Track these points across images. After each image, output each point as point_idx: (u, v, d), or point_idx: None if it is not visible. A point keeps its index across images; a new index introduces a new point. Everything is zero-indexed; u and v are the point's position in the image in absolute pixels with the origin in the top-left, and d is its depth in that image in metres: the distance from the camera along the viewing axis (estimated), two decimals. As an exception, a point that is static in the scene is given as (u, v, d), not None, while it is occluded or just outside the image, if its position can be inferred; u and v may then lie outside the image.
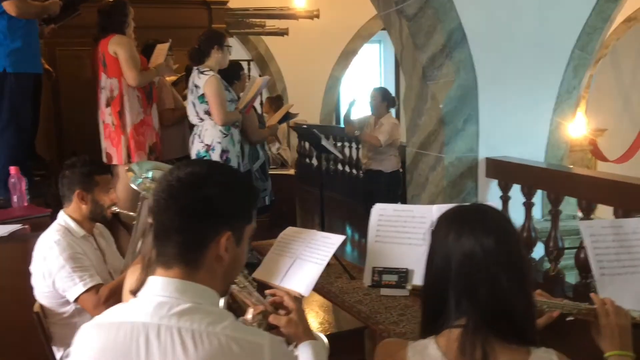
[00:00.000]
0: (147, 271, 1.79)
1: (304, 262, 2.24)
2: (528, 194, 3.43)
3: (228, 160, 3.71)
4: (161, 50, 3.96)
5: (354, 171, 6.64)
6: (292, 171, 6.01)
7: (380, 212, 2.23)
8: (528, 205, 3.45)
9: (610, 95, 10.91)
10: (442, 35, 3.54)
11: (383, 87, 4.95)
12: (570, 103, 3.83)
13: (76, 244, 2.29)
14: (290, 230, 2.50)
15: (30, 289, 2.28)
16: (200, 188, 1.16)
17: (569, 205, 3.78)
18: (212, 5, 5.25)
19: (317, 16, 6.14)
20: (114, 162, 3.85)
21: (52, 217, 2.53)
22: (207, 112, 3.73)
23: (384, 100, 4.83)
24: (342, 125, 6.10)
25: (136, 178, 2.35)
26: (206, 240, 1.16)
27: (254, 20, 6.14)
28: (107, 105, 3.84)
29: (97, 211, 2.39)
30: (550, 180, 3.42)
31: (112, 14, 3.80)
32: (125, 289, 1.91)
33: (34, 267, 2.29)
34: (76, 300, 2.22)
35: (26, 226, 2.72)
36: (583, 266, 3.00)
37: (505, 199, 3.64)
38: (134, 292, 1.77)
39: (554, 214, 3.33)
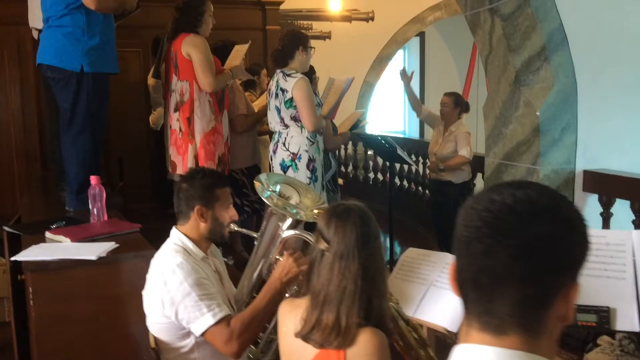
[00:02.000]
0: (319, 310, 1.52)
1: (441, 290, 1.95)
2: (639, 211, 3.12)
3: (315, 170, 3.44)
4: (239, 52, 3.68)
5: (420, 189, 6.31)
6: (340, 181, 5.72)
7: None
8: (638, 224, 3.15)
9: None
10: (541, 37, 3.25)
11: (455, 92, 4.66)
12: (673, 110, 3.52)
13: (200, 267, 1.99)
14: (413, 252, 2.22)
15: (129, 318, 1.98)
16: (552, 222, 0.84)
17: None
18: (267, 5, 4.98)
19: (372, 18, 5.88)
20: (178, 171, 3.55)
21: (143, 233, 2.24)
22: (294, 118, 3.46)
23: (457, 106, 4.53)
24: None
25: (263, 189, 2.07)
26: (552, 296, 0.85)
27: (301, 22, 5.88)
28: (176, 110, 3.54)
29: (217, 230, 2.09)
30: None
31: (188, 10, 3.50)
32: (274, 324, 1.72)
33: (150, 294, 2.00)
34: (203, 333, 1.92)
35: (118, 244, 2.38)
36: None
37: (607, 216, 3.35)
38: (303, 336, 1.49)
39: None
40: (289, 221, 2.02)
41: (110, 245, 2.31)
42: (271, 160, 3.61)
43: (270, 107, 3.57)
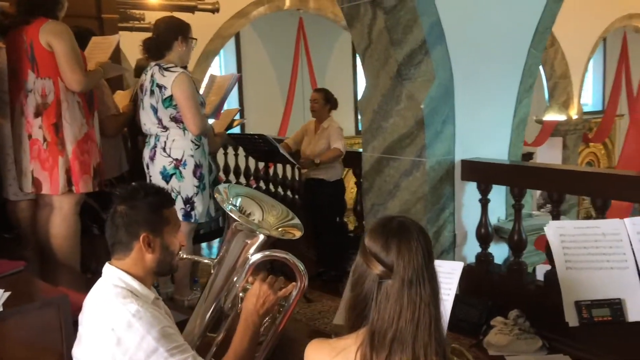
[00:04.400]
0: (387, 353, 1.23)
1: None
2: (519, 195, 3.34)
3: (202, 177, 3.01)
4: (105, 45, 3.08)
5: (289, 193, 5.99)
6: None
7: (560, 232, 1.88)
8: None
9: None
10: (422, 31, 3.29)
11: (325, 88, 4.55)
12: (527, 102, 3.86)
13: (159, 313, 1.54)
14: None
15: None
16: None
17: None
18: (101, -9, 4.33)
19: (218, 10, 5.51)
20: (45, 190, 2.89)
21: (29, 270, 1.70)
22: (174, 119, 2.99)
23: (327, 102, 4.43)
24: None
25: (224, 201, 1.69)
26: None
27: (134, 12, 5.27)
28: (37, 115, 2.85)
29: (167, 260, 1.65)
30: (537, 177, 3.38)
31: None
32: None
33: (91, 358, 1.51)
34: None
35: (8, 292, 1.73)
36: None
37: (485, 202, 3.53)
38: None
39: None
40: (260, 239, 1.69)
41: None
42: (147, 169, 3.11)
43: (144, 106, 3.07)
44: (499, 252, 3.71)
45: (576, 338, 3.01)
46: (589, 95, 14.07)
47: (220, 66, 11.58)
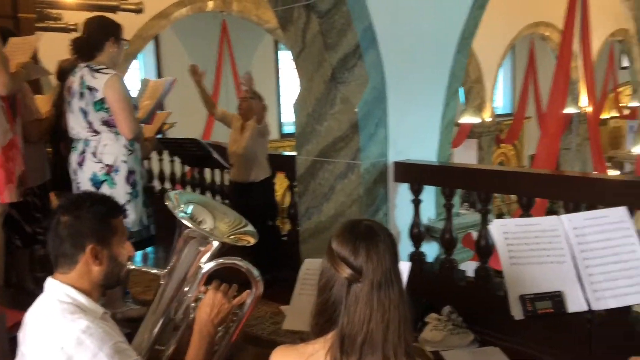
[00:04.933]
0: (358, 356, 1.22)
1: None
2: (449, 195, 3.47)
3: (135, 184, 2.89)
4: (25, 45, 2.88)
5: (219, 197, 5.81)
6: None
7: (503, 230, 1.93)
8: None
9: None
10: (356, 35, 3.34)
11: (258, 92, 4.49)
12: (453, 106, 4.01)
13: (110, 328, 1.45)
14: (311, 263, 2.04)
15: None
16: None
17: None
18: (17, -11, 4.06)
19: (142, 10, 5.31)
20: None
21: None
22: (106, 123, 2.84)
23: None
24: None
25: (174, 207, 1.62)
26: None
27: (51, 11, 4.99)
28: None
29: (115, 272, 1.56)
30: (468, 178, 3.53)
31: None
32: None
33: None
34: None
35: None
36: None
37: (417, 203, 3.64)
38: None
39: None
40: (214, 246, 1.64)
41: None
42: (75, 175, 2.95)
43: (73, 109, 2.90)
44: (431, 250, 3.84)
45: (504, 330, 3.18)
46: (499, 99, 14.84)
47: (140, 68, 11.23)
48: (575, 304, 1.96)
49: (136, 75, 10.70)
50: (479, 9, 3.93)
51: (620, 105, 14.17)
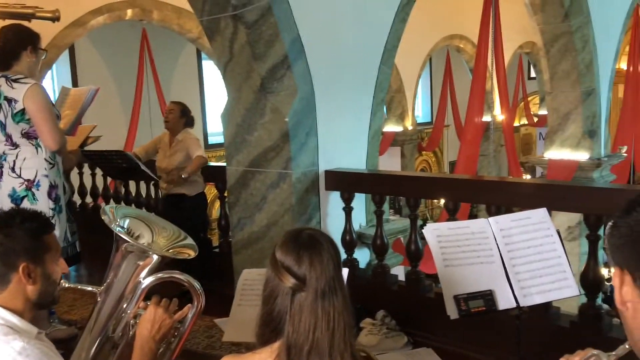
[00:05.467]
0: None
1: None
2: (380, 202, 3.55)
3: (58, 199, 2.74)
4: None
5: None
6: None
7: (437, 234, 1.97)
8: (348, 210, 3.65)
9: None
10: (284, 46, 3.37)
11: (182, 102, 4.38)
12: (380, 115, 4.12)
13: (47, 348, 1.35)
14: (249, 273, 2.03)
15: None
16: None
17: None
18: None
19: (58, 18, 5.05)
20: None
21: None
22: (26, 135, 2.68)
23: (183, 115, 4.27)
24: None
25: (110, 222, 1.55)
26: None
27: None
28: None
29: (49, 291, 1.46)
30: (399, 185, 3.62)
31: None
32: None
33: None
34: None
35: None
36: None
37: (348, 210, 3.70)
38: None
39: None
40: (154, 260, 1.58)
41: None
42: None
43: (-17, 122, 2.73)
44: (363, 256, 3.91)
45: (436, 331, 3.29)
46: (420, 108, 15.36)
47: (53, 78, 10.71)
48: (504, 301, 2.06)
49: (49, 86, 10.20)
50: (401, 22, 4.06)
51: (530, 113, 15.05)
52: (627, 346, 1.05)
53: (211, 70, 11.21)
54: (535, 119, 14.96)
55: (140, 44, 9.79)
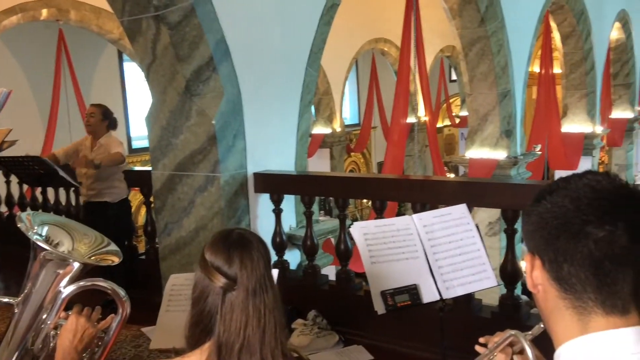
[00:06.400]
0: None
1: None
2: (309, 203, 3.58)
3: None
4: None
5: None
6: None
7: (364, 232, 1.98)
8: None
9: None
10: (208, 47, 3.33)
11: (103, 105, 4.21)
12: (307, 117, 4.15)
13: None
14: (177, 278, 2.00)
15: None
16: None
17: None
18: None
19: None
20: None
21: None
22: None
23: (105, 118, 4.11)
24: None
25: (27, 229, 1.46)
26: None
27: None
28: None
29: None
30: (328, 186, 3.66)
31: None
32: None
33: None
34: None
35: None
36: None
37: (278, 212, 3.70)
38: None
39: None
40: (75, 268, 1.50)
41: None
42: None
43: None
44: (293, 258, 3.92)
45: (366, 329, 3.35)
46: (347, 110, 15.58)
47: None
48: (429, 294, 2.14)
49: None
50: (325, 25, 4.12)
51: (452, 114, 15.63)
52: (541, 325, 1.12)
53: (134, 72, 10.88)
54: (457, 120, 15.54)
55: (57, 45, 9.36)
